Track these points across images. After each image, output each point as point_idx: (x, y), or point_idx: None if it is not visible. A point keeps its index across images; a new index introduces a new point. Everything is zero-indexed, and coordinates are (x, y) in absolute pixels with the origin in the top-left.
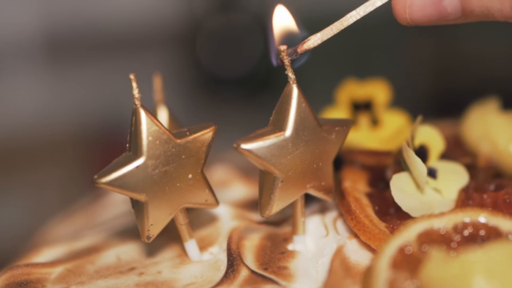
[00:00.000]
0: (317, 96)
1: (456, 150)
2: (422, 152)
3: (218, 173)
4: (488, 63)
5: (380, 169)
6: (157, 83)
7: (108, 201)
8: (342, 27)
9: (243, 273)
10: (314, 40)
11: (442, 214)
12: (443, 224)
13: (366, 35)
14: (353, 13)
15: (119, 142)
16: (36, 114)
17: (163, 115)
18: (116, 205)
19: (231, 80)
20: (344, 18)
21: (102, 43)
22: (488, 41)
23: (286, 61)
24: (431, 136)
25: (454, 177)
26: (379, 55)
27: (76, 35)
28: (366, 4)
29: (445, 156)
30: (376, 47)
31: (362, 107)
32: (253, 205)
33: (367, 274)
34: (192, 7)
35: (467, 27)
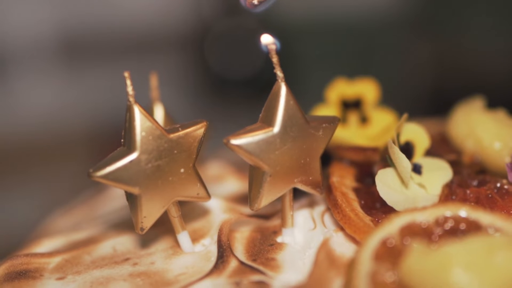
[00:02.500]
0: (319, 95)
1: (442, 147)
2: (407, 149)
3: (213, 168)
4: (487, 62)
5: (368, 165)
6: (153, 81)
7: (108, 195)
8: None
9: (232, 264)
10: None
11: (424, 208)
12: (425, 217)
13: (366, 37)
14: None
15: None
16: (51, 112)
17: (159, 112)
18: (116, 198)
19: (237, 81)
20: None
21: (116, 45)
22: (487, 41)
23: (275, 60)
24: (417, 133)
25: (439, 173)
26: (379, 55)
27: (90, 37)
28: None
29: (431, 152)
30: (376, 48)
31: (352, 105)
32: (245, 199)
33: (350, 266)
34: (200, 11)
35: (467, 29)
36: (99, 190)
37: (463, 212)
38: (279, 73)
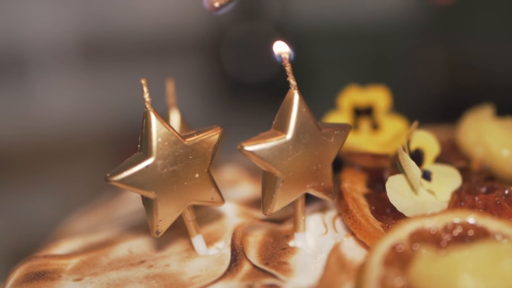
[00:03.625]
0: (332, 102)
1: (452, 154)
2: (418, 156)
3: (228, 173)
4: (499, 68)
5: (379, 172)
6: (170, 87)
7: (124, 198)
8: None
9: (245, 267)
10: None
11: (433, 214)
12: (434, 224)
13: (379, 43)
14: None
15: None
16: (71, 114)
17: (175, 118)
18: (132, 201)
19: (252, 84)
20: None
21: (134, 48)
22: (499, 47)
23: (288, 68)
24: (427, 140)
25: (448, 179)
26: (391, 61)
27: (109, 41)
28: None
29: (441, 159)
30: (389, 53)
31: (363, 112)
32: (259, 203)
33: (360, 271)
34: (217, 16)
35: (479, 35)
36: (116, 192)
37: (471, 219)
38: (292, 81)
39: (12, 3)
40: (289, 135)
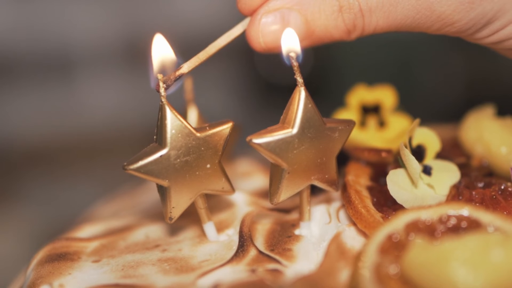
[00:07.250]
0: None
1: (454, 150)
2: (419, 151)
3: (242, 166)
4: None
5: (383, 166)
6: (188, 84)
7: (146, 187)
8: (208, 55)
9: (252, 252)
10: (186, 67)
11: (429, 206)
12: (429, 215)
13: (405, 50)
14: (215, 43)
15: None
16: (115, 112)
17: (192, 113)
18: (153, 191)
19: (284, 87)
20: (208, 48)
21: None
22: None
23: (295, 67)
24: (428, 137)
25: (447, 174)
26: (413, 66)
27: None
28: (226, 34)
29: (443, 156)
30: (410, 58)
31: (371, 110)
32: (268, 194)
33: (357, 258)
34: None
35: None
36: (140, 182)
37: (465, 211)
38: (299, 78)
39: (60, 7)
40: (295, 129)
